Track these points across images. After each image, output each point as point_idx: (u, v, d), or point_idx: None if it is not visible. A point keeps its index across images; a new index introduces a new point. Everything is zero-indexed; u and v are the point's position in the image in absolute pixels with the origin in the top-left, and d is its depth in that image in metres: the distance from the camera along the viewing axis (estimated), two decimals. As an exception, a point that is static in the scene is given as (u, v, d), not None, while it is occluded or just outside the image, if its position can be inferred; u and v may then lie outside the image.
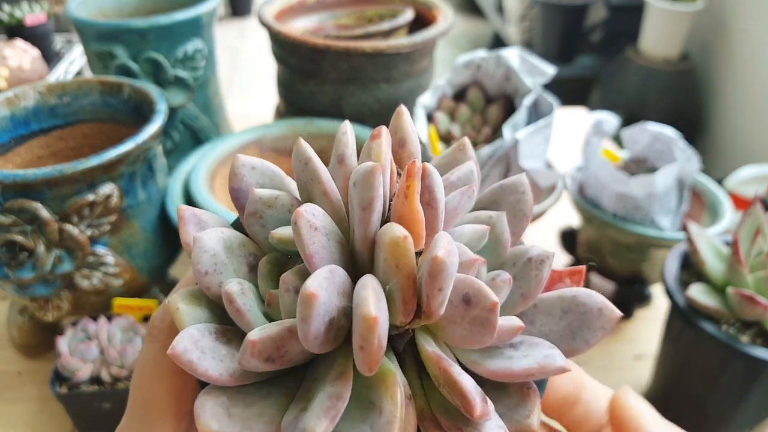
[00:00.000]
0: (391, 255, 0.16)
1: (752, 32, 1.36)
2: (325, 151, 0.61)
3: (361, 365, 0.15)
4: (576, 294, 0.18)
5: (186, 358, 0.16)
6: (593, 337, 0.18)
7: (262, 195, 0.19)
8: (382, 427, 0.15)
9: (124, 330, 0.47)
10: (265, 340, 0.16)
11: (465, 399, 0.15)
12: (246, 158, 0.20)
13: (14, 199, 0.41)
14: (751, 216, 0.45)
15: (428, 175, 0.17)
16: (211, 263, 0.18)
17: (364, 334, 0.14)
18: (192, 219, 0.19)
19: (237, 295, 0.17)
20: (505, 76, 0.55)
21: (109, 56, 0.60)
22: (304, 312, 0.15)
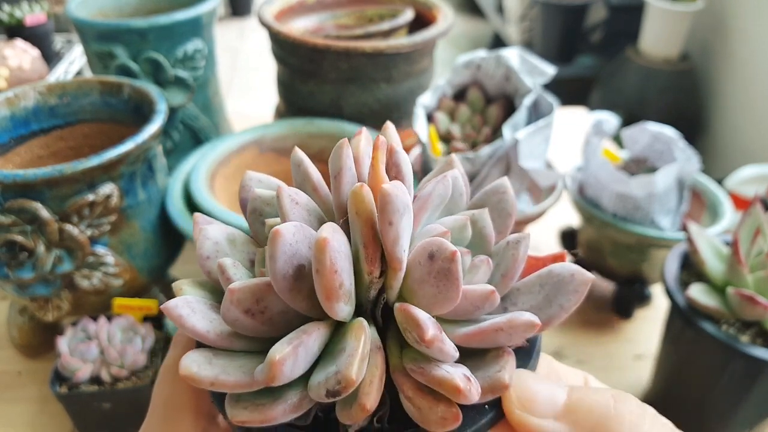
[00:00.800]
0: (352, 205, 0.17)
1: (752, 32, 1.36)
2: (325, 150, 0.61)
3: (320, 294, 0.16)
4: (551, 268, 0.19)
5: (176, 312, 0.17)
6: (567, 301, 0.19)
7: (260, 194, 0.21)
8: (344, 360, 0.16)
9: (124, 330, 0.47)
10: (244, 290, 0.17)
11: (419, 327, 0.16)
12: (253, 173, 0.22)
13: (14, 199, 0.41)
14: (751, 216, 0.45)
15: (395, 153, 0.19)
16: (213, 249, 0.20)
17: (318, 255, 0.15)
18: (205, 221, 0.21)
19: (229, 267, 0.19)
20: (505, 76, 0.55)
21: (109, 56, 0.60)
22: (271, 249, 0.16)
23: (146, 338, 0.47)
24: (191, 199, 0.51)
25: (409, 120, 0.68)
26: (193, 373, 0.16)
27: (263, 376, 0.15)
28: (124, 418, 0.47)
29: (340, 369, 0.16)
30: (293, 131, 0.61)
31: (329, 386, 0.16)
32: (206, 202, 0.50)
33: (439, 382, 0.16)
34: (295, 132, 0.61)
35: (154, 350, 0.48)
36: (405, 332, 0.17)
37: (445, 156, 0.53)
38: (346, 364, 0.16)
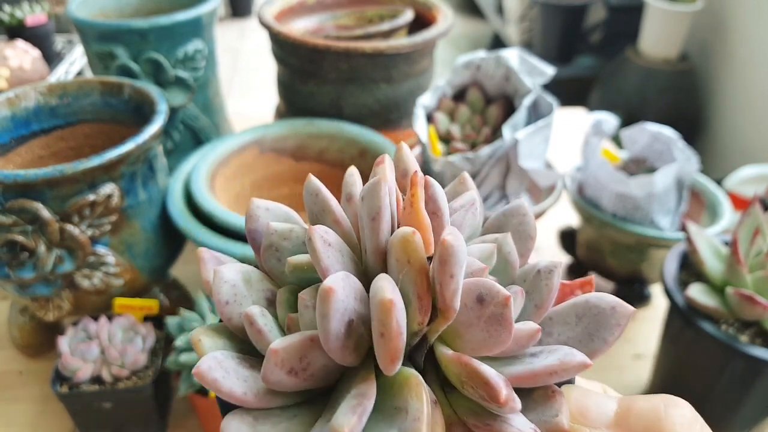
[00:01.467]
0: (402, 252, 0.16)
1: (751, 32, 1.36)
2: (325, 151, 0.61)
3: (382, 356, 0.15)
4: (587, 298, 0.19)
5: (210, 377, 0.16)
6: (610, 335, 0.18)
7: (277, 228, 0.20)
8: (410, 425, 0.15)
9: (124, 330, 0.47)
10: (288, 348, 0.16)
11: (489, 386, 0.15)
12: (260, 201, 0.21)
13: (15, 199, 0.42)
14: (750, 216, 0.45)
15: (431, 186, 0.18)
16: (231, 293, 0.19)
17: (383, 317, 0.15)
18: (212, 259, 0.20)
19: (258, 317, 0.17)
20: (505, 76, 0.55)
21: (109, 56, 0.60)
22: (323, 308, 0.15)
23: (147, 338, 0.47)
24: (192, 199, 0.52)
25: (409, 120, 0.68)
26: None
27: None
28: (124, 417, 0.47)
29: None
30: (293, 131, 0.61)
31: None
32: (206, 202, 0.50)
33: None
34: (295, 132, 0.61)
35: (155, 350, 0.48)
36: (464, 385, 0.16)
37: (444, 156, 0.53)
38: (415, 429, 0.15)
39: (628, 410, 0.18)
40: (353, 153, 0.60)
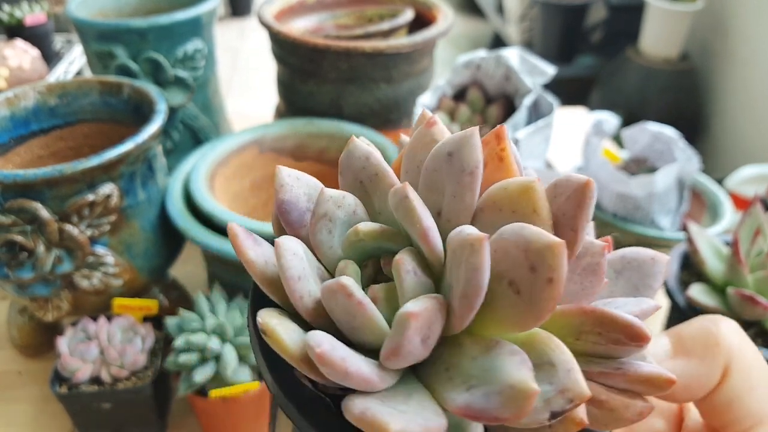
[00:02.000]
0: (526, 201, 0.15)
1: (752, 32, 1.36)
2: (325, 151, 0.61)
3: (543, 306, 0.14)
4: (623, 254, 0.19)
5: (338, 355, 0.14)
6: (656, 281, 0.18)
7: (332, 194, 0.17)
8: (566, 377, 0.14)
9: (124, 330, 0.47)
10: (424, 313, 0.14)
11: (629, 327, 0.15)
12: (289, 169, 0.19)
13: (14, 199, 0.41)
14: (751, 216, 0.45)
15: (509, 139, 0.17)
16: (301, 267, 0.16)
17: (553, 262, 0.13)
18: (247, 235, 0.18)
19: (355, 288, 0.15)
20: (505, 76, 0.55)
21: (109, 56, 0.60)
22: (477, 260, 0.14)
23: (146, 338, 0.47)
24: (191, 199, 0.51)
25: (409, 120, 0.68)
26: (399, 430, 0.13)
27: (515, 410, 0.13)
28: (124, 418, 0.47)
29: (568, 386, 0.14)
30: (293, 131, 0.61)
31: (555, 407, 0.14)
32: (206, 202, 0.50)
33: (647, 380, 0.15)
34: (295, 132, 0.61)
35: (154, 350, 0.48)
36: (581, 336, 0.16)
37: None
38: (574, 380, 0.14)
39: (680, 338, 0.19)
40: (353, 153, 0.60)
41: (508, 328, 0.15)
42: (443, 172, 0.16)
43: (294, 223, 0.18)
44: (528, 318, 0.14)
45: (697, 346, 0.18)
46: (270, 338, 0.15)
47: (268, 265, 0.17)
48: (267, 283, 0.17)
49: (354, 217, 0.18)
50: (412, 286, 0.16)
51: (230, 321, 0.45)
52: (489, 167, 0.16)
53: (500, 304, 0.15)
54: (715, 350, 0.18)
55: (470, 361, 0.15)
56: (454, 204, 0.16)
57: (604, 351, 0.16)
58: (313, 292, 0.16)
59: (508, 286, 0.14)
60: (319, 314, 0.16)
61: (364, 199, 0.18)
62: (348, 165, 0.18)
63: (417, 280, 0.16)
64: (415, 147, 0.18)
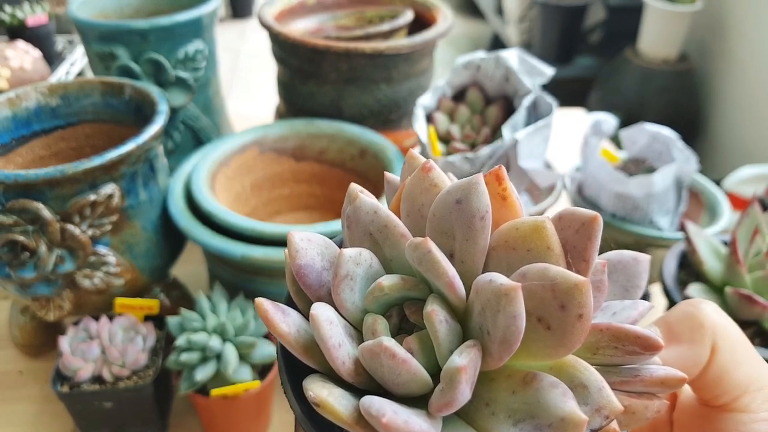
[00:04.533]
0: (539, 240, 0.16)
1: (750, 33, 1.37)
2: (325, 151, 0.61)
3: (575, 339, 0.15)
4: (607, 258, 0.20)
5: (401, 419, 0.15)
6: (642, 280, 0.19)
7: (351, 254, 0.18)
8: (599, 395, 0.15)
9: (125, 329, 0.47)
10: (471, 365, 0.15)
11: (642, 338, 0.16)
12: (300, 233, 0.19)
13: (16, 199, 0.42)
14: (749, 216, 0.45)
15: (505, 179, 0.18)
16: (338, 334, 0.17)
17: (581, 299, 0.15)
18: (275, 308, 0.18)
19: (396, 347, 0.16)
20: (505, 76, 0.55)
21: (110, 57, 0.60)
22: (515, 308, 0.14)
23: (147, 338, 0.47)
24: (192, 199, 0.52)
25: (408, 120, 0.68)
26: None
27: None
28: (125, 417, 0.47)
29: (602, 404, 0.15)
30: (294, 132, 0.61)
31: (594, 425, 0.15)
32: (207, 202, 0.50)
33: (662, 382, 0.17)
34: (295, 132, 0.61)
35: (156, 349, 0.48)
36: (598, 351, 0.17)
37: (444, 156, 0.53)
38: (607, 398, 0.15)
39: (668, 325, 0.20)
40: (353, 153, 0.60)
41: (539, 359, 0.16)
42: (453, 218, 0.17)
43: (313, 285, 0.19)
44: (560, 350, 0.15)
45: (684, 330, 0.19)
46: (324, 410, 0.16)
47: (301, 334, 0.18)
48: (302, 351, 0.18)
49: (371, 270, 0.19)
50: (446, 335, 0.17)
51: (231, 320, 0.45)
52: (492, 207, 0.17)
53: (531, 338, 0.16)
54: (701, 331, 0.19)
55: (510, 395, 0.16)
56: (467, 247, 0.17)
57: (621, 361, 0.17)
58: (351, 355, 0.17)
59: (537, 322, 0.15)
60: (359, 374, 0.17)
61: (374, 249, 0.19)
62: (356, 219, 0.19)
63: (449, 328, 0.17)
64: (414, 191, 0.19)
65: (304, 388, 0.17)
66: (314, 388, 0.16)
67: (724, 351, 0.19)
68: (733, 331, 0.20)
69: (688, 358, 0.19)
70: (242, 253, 0.45)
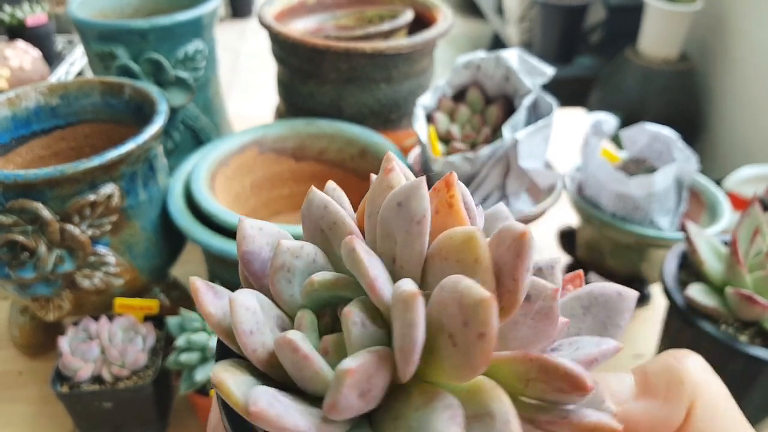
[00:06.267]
0: (467, 251, 0.15)
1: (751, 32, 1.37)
2: (325, 151, 0.61)
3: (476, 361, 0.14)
4: (590, 289, 0.19)
5: (273, 413, 0.14)
6: (622, 319, 0.18)
7: (289, 246, 0.18)
8: (503, 428, 0.14)
9: (125, 330, 0.47)
10: (360, 369, 0.15)
11: (571, 376, 0.15)
12: (251, 221, 0.19)
13: (15, 199, 0.42)
14: (749, 216, 0.45)
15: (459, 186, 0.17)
16: (254, 321, 0.17)
17: (484, 317, 0.14)
18: (208, 289, 0.18)
19: (301, 342, 0.16)
20: (505, 76, 0.55)
21: (110, 57, 0.60)
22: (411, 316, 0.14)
23: (147, 338, 0.47)
24: (192, 199, 0.52)
25: (408, 120, 0.68)
26: None
27: None
28: (124, 417, 0.47)
29: None
30: (294, 132, 0.61)
31: None
32: (207, 202, 0.50)
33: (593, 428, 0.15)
34: (295, 132, 0.61)
35: (155, 350, 0.48)
36: (528, 384, 0.16)
37: (444, 156, 0.53)
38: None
39: (645, 376, 0.18)
40: (353, 153, 0.60)
41: (452, 379, 0.15)
42: (394, 221, 0.16)
43: (257, 272, 0.19)
44: (465, 370, 0.14)
45: (661, 384, 0.18)
46: (220, 390, 0.16)
47: (226, 318, 0.18)
48: (225, 335, 0.17)
49: (313, 266, 0.18)
50: (358, 339, 0.16)
51: (231, 320, 0.45)
52: (441, 214, 0.17)
53: (442, 355, 0.15)
54: (680, 388, 0.17)
55: (413, 412, 0.15)
56: (405, 252, 0.17)
57: (552, 398, 0.16)
58: (267, 344, 0.17)
59: (448, 338, 0.15)
60: (272, 365, 0.17)
61: (325, 246, 0.19)
62: (308, 214, 0.19)
63: (364, 331, 0.16)
64: (375, 193, 0.18)
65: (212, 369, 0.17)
66: (220, 370, 0.16)
67: (702, 415, 0.17)
68: (717, 392, 0.18)
69: (658, 417, 0.17)
70: (242, 253, 0.45)
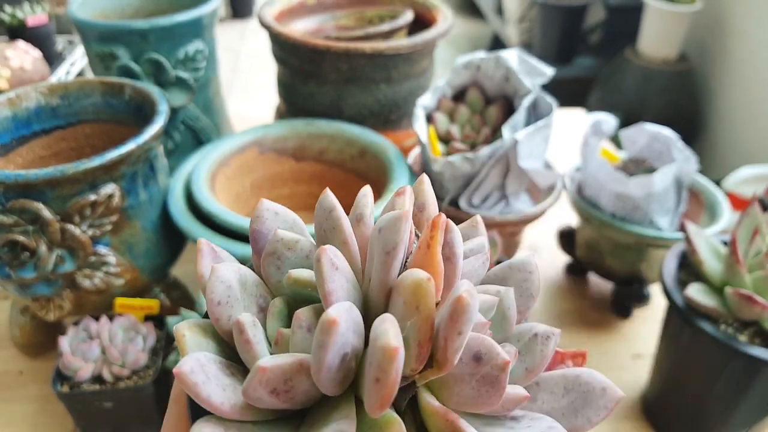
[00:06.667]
0: (412, 296, 0.15)
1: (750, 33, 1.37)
2: (325, 151, 0.61)
3: (372, 401, 0.15)
4: (579, 373, 0.18)
5: (191, 380, 0.16)
6: (596, 415, 0.18)
7: (284, 236, 0.19)
8: None
9: (125, 329, 0.47)
10: (275, 369, 0.15)
11: None
12: (270, 203, 0.21)
13: (16, 199, 0.42)
14: (749, 216, 0.45)
15: (451, 231, 0.17)
16: (225, 294, 0.18)
17: (383, 364, 0.14)
18: (210, 252, 0.20)
19: (248, 326, 0.17)
20: (505, 77, 0.55)
21: (110, 57, 0.60)
22: (323, 339, 0.14)
23: (148, 337, 0.47)
24: (192, 199, 0.52)
25: (409, 120, 0.68)
26: None
27: None
28: (125, 417, 0.47)
29: None
30: (294, 132, 0.61)
31: None
32: (207, 202, 0.50)
33: None
34: (295, 133, 0.61)
35: (156, 349, 0.48)
36: None
37: (444, 156, 0.53)
38: None
39: None
40: (353, 153, 0.60)
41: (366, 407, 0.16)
42: (374, 245, 0.17)
43: (260, 251, 0.20)
44: (370, 407, 0.15)
45: None
46: (178, 342, 0.17)
47: None
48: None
49: (306, 261, 0.19)
50: (299, 341, 0.17)
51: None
52: (420, 251, 0.17)
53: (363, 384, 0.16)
54: None
55: (324, 427, 0.16)
56: (375, 276, 0.17)
57: None
58: (233, 318, 0.18)
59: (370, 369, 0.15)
60: (232, 337, 0.18)
61: None
62: (317, 213, 0.20)
63: (307, 337, 0.17)
64: (385, 211, 0.19)
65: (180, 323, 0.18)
66: (185, 326, 0.18)
67: None
68: None
69: None
70: (242, 253, 0.45)
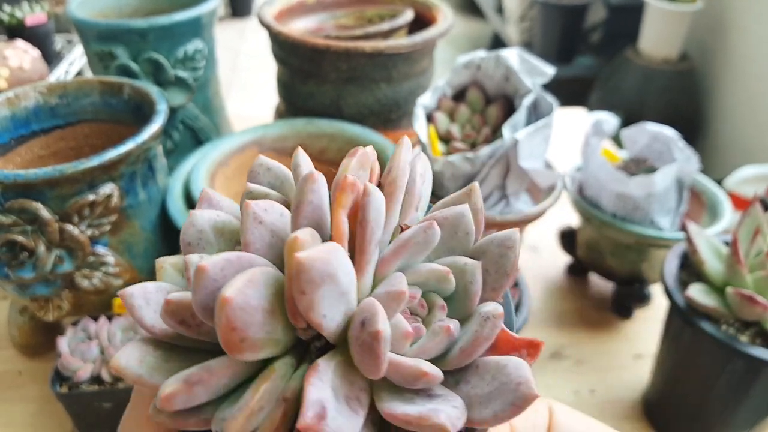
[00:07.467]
0: (285, 256, 0.16)
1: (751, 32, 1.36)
2: (325, 151, 0.61)
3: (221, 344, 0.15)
4: (508, 363, 0.17)
5: (130, 302, 0.17)
6: (502, 411, 0.16)
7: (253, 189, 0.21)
8: (234, 411, 0.16)
9: (124, 330, 0.47)
10: (179, 304, 0.16)
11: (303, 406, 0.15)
12: (265, 159, 0.22)
13: (15, 199, 0.42)
14: (750, 216, 0.45)
15: (368, 195, 0.17)
16: (196, 237, 0.19)
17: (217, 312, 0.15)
18: (207, 200, 0.21)
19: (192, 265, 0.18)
20: (505, 76, 0.55)
21: (109, 56, 0.60)
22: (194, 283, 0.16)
23: (146, 338, 0.47)
24: (192, 199, 0.52)
25: (409, 120, 0.68)
26: (120, 367, 0.16)
27: (158, 402, 0.15)
28: (124, 417, 0.47)
29: (227, 419, 0.15)
30: (293, 131, 0.61)
31: (218, 429, 0.16)
32: (206, 202, 0.50)
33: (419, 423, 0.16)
34: (295, 132, 0.61)
35: (155, 350, 0.48)
36: None
37: (444, 156, 0.53)
38: (232, 417, 0.15)
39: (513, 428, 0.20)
40: (353, 153, 0.60)
41: None
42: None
43: None
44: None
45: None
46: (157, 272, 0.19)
47: None
48: None
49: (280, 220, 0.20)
50: None
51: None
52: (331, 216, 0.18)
53: None
54: None
55: None
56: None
57: None
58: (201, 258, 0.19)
59: None
60: None
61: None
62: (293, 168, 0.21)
63: None
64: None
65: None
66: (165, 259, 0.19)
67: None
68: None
69: None
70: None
